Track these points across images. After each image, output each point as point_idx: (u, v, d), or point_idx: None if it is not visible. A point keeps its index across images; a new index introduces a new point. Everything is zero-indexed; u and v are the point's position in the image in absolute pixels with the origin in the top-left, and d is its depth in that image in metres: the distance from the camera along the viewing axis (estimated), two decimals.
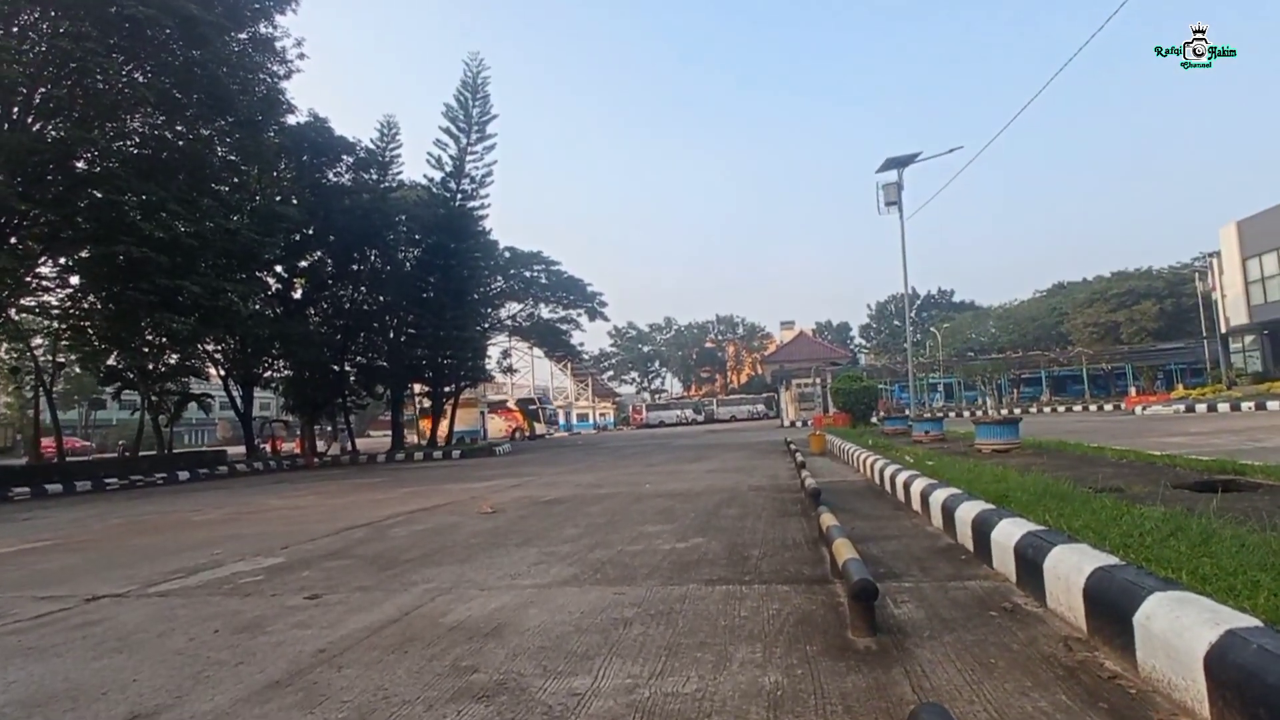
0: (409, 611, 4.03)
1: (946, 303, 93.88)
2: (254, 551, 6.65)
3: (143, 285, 18.21)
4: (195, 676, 3.16)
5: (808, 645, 3.08)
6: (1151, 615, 2.38)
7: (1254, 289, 32.64)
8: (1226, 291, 35.19)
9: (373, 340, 31.70)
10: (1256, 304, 32.58)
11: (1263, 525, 3.67)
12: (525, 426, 49.45)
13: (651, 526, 6.68)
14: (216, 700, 2.85)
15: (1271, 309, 31.71)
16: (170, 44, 19.01)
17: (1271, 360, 33.25)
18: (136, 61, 19.14)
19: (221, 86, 19.79)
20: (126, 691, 3.04)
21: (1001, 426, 10.60)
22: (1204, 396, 30.22)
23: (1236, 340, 37.30)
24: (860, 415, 24.96)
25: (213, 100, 19.94)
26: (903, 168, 21.00)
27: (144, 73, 19.34)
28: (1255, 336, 35.12)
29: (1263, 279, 32.02)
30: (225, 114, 20.80)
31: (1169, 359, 48.91)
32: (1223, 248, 35.05)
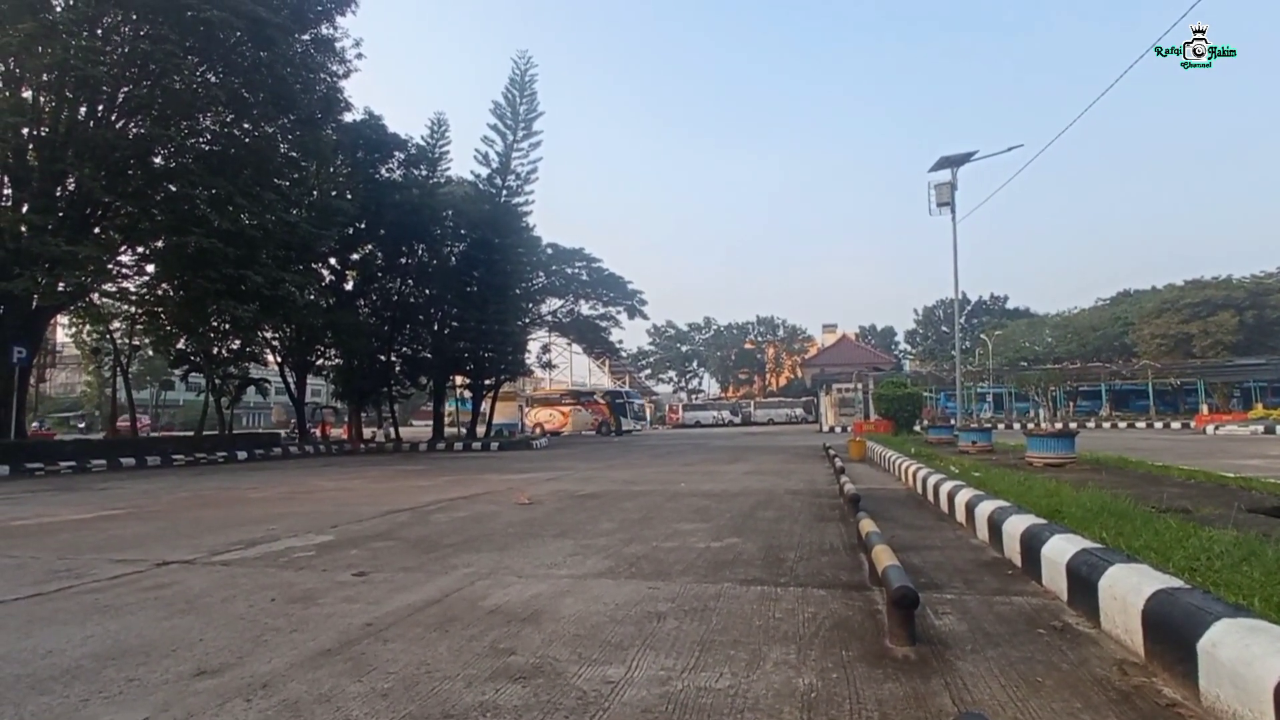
0: (450, 593, 4.22)
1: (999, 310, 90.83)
2: (306, 529, 6.99)
3: (210, 274, 19.19)
4: (255, 640, 3.40)
5: (844, 650, 3.06)
6: (1218, 642, 2.28)
7: None
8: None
9: (418, 332, 32.52)
10: None
11: None
12: (611, 421, 47.00)
13: (686, 525, 6.76)
14: (274, 663, 3.06)
15: None
16: (240, 46, 19.89)
17: None
18: (209, 63, 20.10)
19: (285, 86, 20.65)
20: (194, 650, 3.28)
21: (1056, 440, 10.34)
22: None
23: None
24: (903, 423, 24.54)
25: (277, 99, 20.82)
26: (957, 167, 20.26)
27: (215, 73, 20.31)
28: None
29: None
30: (288, 112, 21.72)
31: (1247, 376, 45.99)
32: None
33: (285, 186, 22.96)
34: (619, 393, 50.89)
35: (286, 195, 22.66)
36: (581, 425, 46.98)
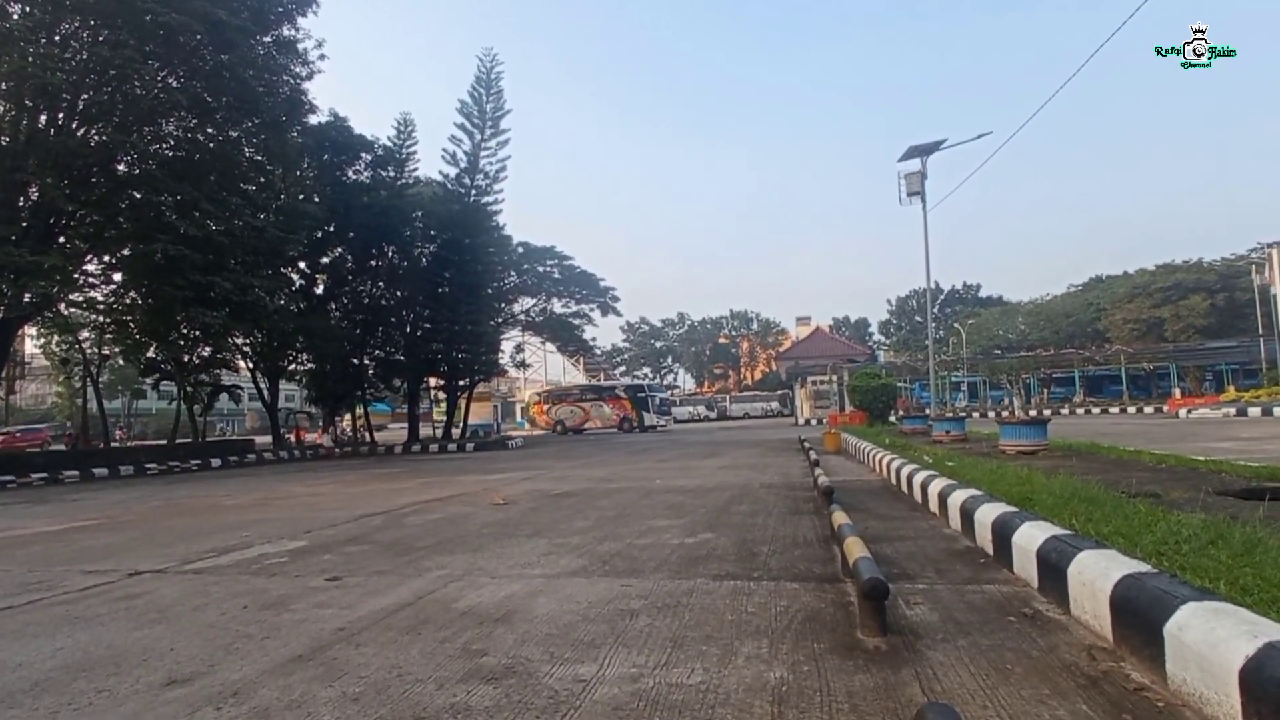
0: (423, 596, 4.23)
1: (972, 298, 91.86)
2: (279, 535, 6.96)
3: (178, 281, 18.91)
4: (226, 648, 3.40)
5: (815, 642, 3.09)
6: (1184, 626, 2.30)
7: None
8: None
9: (390, 334, 32.38)
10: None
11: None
12: (634, 416, 44.38)
13: (661, 521, 6.81)
14: (245, 670, 3.06)
15: None
16: (200, 49, 19.59)
17: None
18: (170, 67, 19.76)
19: (248, 89, 20.37)
20: (165, 659, 3.28)
21: (1028, 427, 10.34)
22: (1258, 399, 28.52)
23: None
24: (878, 414, 24.69)
25: (240, 102, 20.56)
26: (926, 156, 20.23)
27: (177, 77, 19.97)
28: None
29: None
30: (252, 115, 21.46)
31: (1219, 359, 46.00)
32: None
33: (251, 191, 22.69)
34: (640, 386, 48.76)
35: (253, 200, 22.38)
36: (603, 421, 45.03)
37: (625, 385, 49.50)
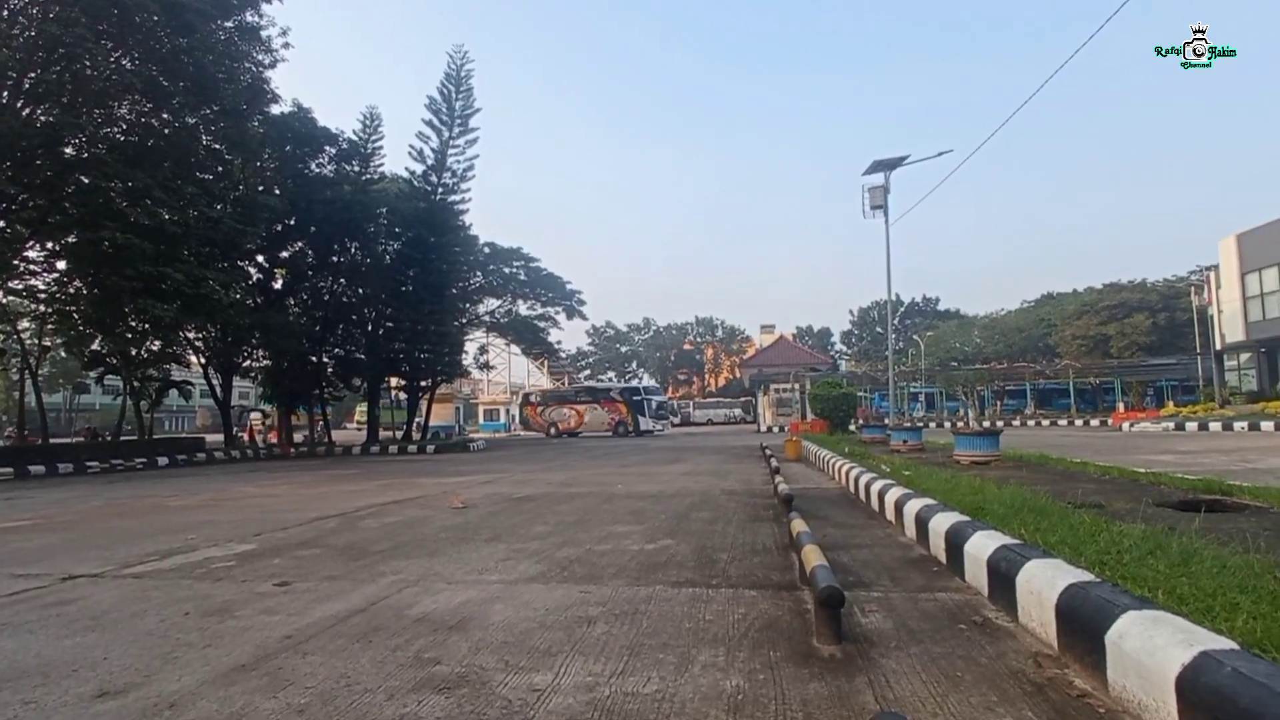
0: (375, 602, 4.12)
1: (931, 311, 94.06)
2: (227, 538, 6.72)
3: (127, 271, 18.21)
4: (164, 657, 3.25)
5: (771, 651, 3.09)
6: (1124, 634, 2.35)
7: (1252, 305, 31.49)
8: (1223, 307, 33.92)
9: (351, 332, 31.84)
10: (1254, 320, 31.47)
11: (1246, 547, 3.65)
12: (629, 420, 43.32)
13: (621, 527, 6.78)
14: (183, 680, 2.93)
15: (1269, 326, 30.66)
16: (157, 31, 18.93)
17: (1267, 379, 32.28)
18: (124, 48, 19.05)
19: (207, 75, 19.78)
20: (97, 669, 3.12)
21: (981, 438, 10.61)
22: (1195, 415, 29.68)
23: (1232, 358, 36.21)
24: (838, 422, 25.12)
25: (198, 88, 19.91)
26: (890, 171, 20.63)
27: (131, 60, 19.25)
28: (1251, 354, 34.03)
29: (1261, 295, 30.87)
30: (211, 102, 20.78)
31: (1160, 375, 47.88)
32: (1221, 261, 33.85)
33: (208, 180, 21.97)
34: (636, 389, 46.81)
35: (209, 189, 21.67)
36: (597, 424, 43.90)
37: (621, 388, 48.01)
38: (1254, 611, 2.52)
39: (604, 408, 44.10)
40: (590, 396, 46.01)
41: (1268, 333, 31.08)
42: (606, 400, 44.94)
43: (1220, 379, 36.58)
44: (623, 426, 42.91)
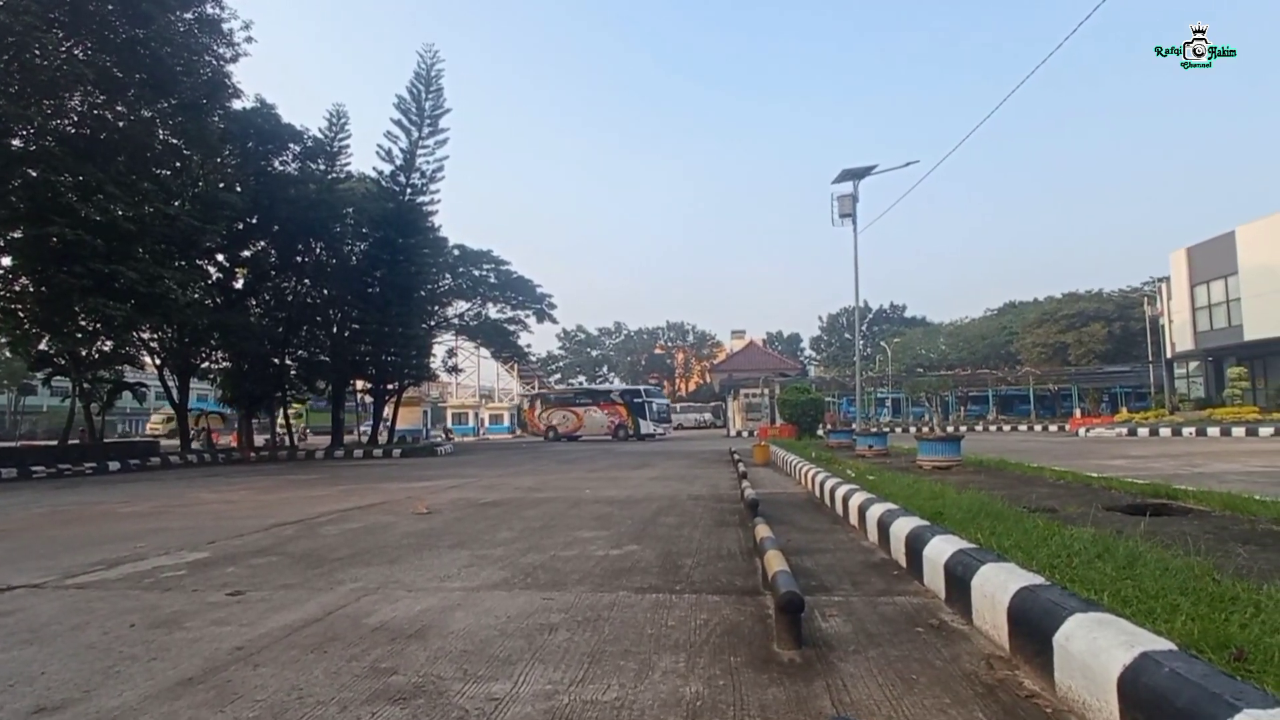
0: (332, 611, 4.02)
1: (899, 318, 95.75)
2: (179, 546, 6.50)
3: (77, 269, 17.55)
4: (106, 671, 3.12)
5: (732, 656, 3.10)
6: (1071, 636, 2.42)
7: (1200, 315, 32.84)
8: (1174, 317, 35.24)
9: (315, 334, 31.12)
10: (1202, 330, 32.79)
11: (1188, 550, 3.78)
12: (629, 423, 42.11)
13: (587, 532, 6.74)
14: (125, 696, 2.82)
15: (1216, 336, 31.96)
16: (112, 20, 18.33)
17: (1214, 387, 33.54)
18: (77, 38, 18.40)
19: (164, 67, 19.18)
20: (34, 684, 2.99)
21: (943, 443, 10.76)
22: (1147, 420, 30.80)
23: (1181, 366, 37.61)
24: (806, 427, 25.34)
25: (155, 81, 19.31)
26: (858, 180, 20.93)
27: (84, 50, 18.60)
28: (1199, 363, 35.50)
29: (1209, 306, 32.23)
30: (168, 96, 20.15)
31: (1115, 382, 49.31)
32: (1172, 273, 35.14)
33: (165, 176, 21.31)
34: (637, 391, 45.18)
35: (166, 186, 21.02)
36: (596, 428, 42.63)
37: (621, 390, 46.60)
38: (1192, 613, 2.61)
39: (604, 410, 43.05)
40: (590, 399, 44.71)
41: (1215, 342, 32.44)
42: (606, 402, 43.76)
43: (1171, 386, 38.00)
44: (623, 430, 41.87)
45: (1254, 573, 3.33)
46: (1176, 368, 38.19)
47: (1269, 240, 28.99)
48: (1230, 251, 30.73)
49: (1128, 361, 50.69)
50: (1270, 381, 30.38)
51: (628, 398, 43.54)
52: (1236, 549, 4.04)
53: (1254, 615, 2.58)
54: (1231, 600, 2.77)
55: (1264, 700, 1.73)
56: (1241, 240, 30.29)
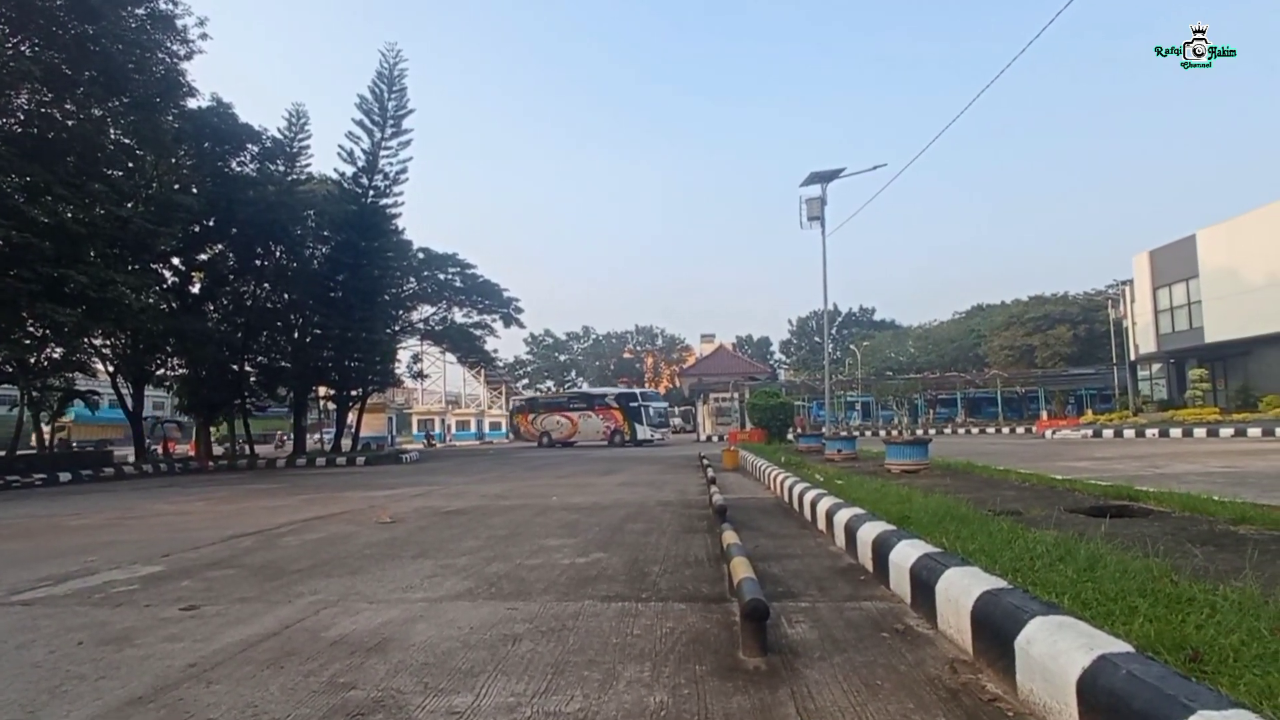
0: (290, 625, 3.93)
1: (868, 321, 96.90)
2: (131, 559, 6.30)
3: (24, 273, 16.86)
4: (51, 691, 3.01)
5: (697, 665, 3.09)
6: (1032, 639, 2.44)
7: (1163, 318, 33.62)
8: (1137, 320, 36.03)
9: (275, 340, 30.40)
10: (1165, 333, 33.62)
11: (1147, 551, 3.84)
12: (625, 428, 40.50)
13: (553, 540, 6.69)
14: (71, 717, 2.72)
15: (1178, 338, 32.79)
16: (59, 15, 17.72)
17: (1176, 388, 34.44)
18: (23, 34, 17.74)
19: (116, 65, 18.59)
20: None
21: (911, 447, 10.80)
22: (1111, 422, 31.44)
23: (1144, 368, 38.47)
24: (776, 432, 25.42)
25: (106, 79, 18.71)
26: (826, 183, 21.04)
27: (31, 46, 17.94)
28: (1162, 365, 36.43)
29: (1171, 309, 33.03)
30: (119, 94, 19.53)
31: (1080, 384, 49.90)
32: (1135, 276, 35.98)
33: (117, 177, 20.58)
34: (633, 394, 43.27)
35: (118, 187, 20.29)
36: (591, 433, 41.05)
37: (617, 393, 44.49)
38: (1150, 614, 2.65)
39: (598, 415, 41.52)
40: (584, 403, 42.99)
41: (1176, 344, 33.13)
42: (601, 407, 41.99)
43: (1134, 388, 38.65)
44: (618, 435, 40.21)
45: (1211, 574, 3.41)
46: (1140, 370, 38.92)
47: (1228, 244, 29.65)
48: (1191, 255, 31.32)
49: (1093, 364, 51.12)
50: (1230, 383, 30.96)
51: (623, 402, 41.89)
52: (1194, 550, 4.12)
53: (1209, 616, 2.62)
54: (1188, 601, 2.81)
55: (1218, 701, 1.77)
56: (1202, 244, 30.91)
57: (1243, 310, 28.48)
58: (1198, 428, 25.82)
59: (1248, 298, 28.31)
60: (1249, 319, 28.27)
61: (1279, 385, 27.17)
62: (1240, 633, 2.40)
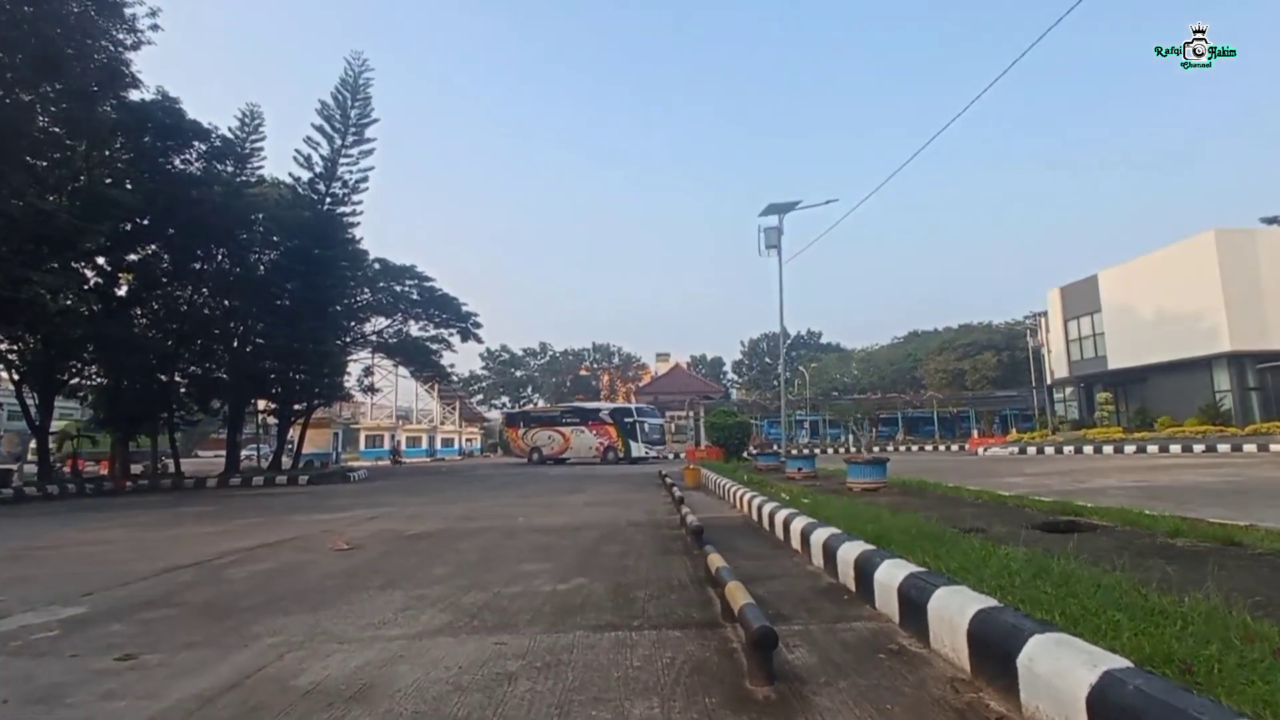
0: (250, 674, 3.45)
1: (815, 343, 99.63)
2: (47, 599, 5.54)
3: None
4: None
5: (707, 697, 2.95)
6: (1034, 657, 2.49)
7: (1073, 347, 37.24)
8: (1051, 347, 39.66)
9: (211, 348, 28.51)
10: (1075, 360, 37.15)
11: (1111, 565, 4.06)
12: (619, 445, 38.97)
13: (530, 565, 6.34)
14: None
15: (1086, 365, 36.27)
16: None
17: (1086, 409, 37.92)
18: None
19: (53, 48, 17.29)
20: None
21: (871, 466, 11.18)
22: (1034, 440, 34.56)
23: (1060, 391, 42.00)
24: (733, 450, 25.73)
25: (39, 62, 17.37)
26: (784, 214, 21.82)
27: None
28: (1074, 388, 39.87)
29: (1080, 339, 36.64)
30: (53, 79, 18.22)
31: (1005, 405, 54.53)
32: (1049, 309, 39.64)
33: (41, 167, 19.10)
34: (628, 410, 41.56)
35: (42, 178, 18.85)
36: (584, 449, 39.67)
37: (611, 408, 42.92)
38: (1133, 628, 2.75)
39: (592, 430, 40.04)
40: (577, 417, 41.39)
41: (1085, 370, 37.24)
42: (595, 422, 40.49)
43: (1051, 409, 42.62)
44: (612, 452, 38.79)
45: (1170, 584, 3.58)
46: (1055, 392, 42.58)
47: (1124, 284, 33.42)
48: (1095, 292, 35.09)
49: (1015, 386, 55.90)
50: (1130, 405, 34.29)
51: (618, 417, 40.27)
52: (1147, 562, 4.45)
53: (1184, 628, 2.75)
54: (1161, 614, 2.94)
55: (1224, 714, 1.86)
56: (1103, 283, 34.67)
57: (1138, 341, 31.99)
58: (1105, 444, 29.08)
59: (1141, 330, 31.78)
60: (1143, 349, 31.73)
61: (1170, 407, 30.23)
62: (1216, 642, 2.53)
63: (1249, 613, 2.90)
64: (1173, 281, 30.08)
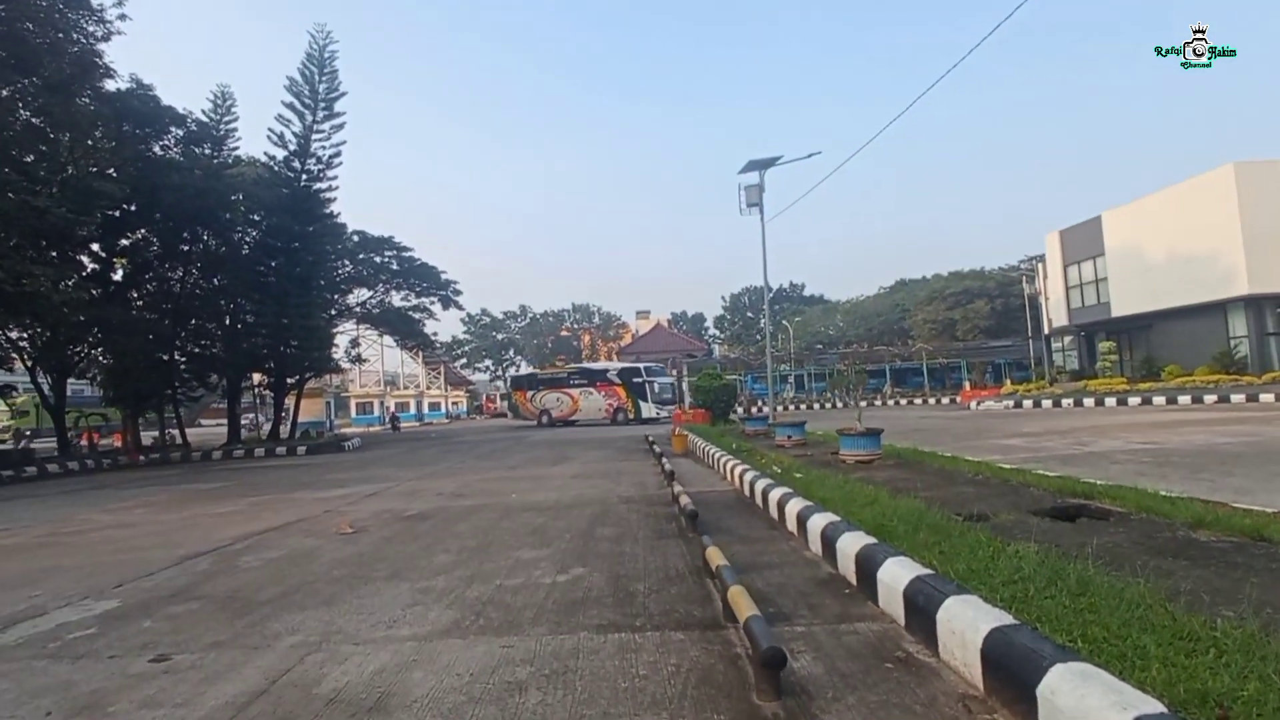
0: (276, 678, 3.73)
1: (798, 296, 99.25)
2: (82, 592, 5.86)
3: None
4: None
5: (714, 713, 3.04)
6: (1056, 690, 2.41)
7: (1073, 293, 36.06)
8: (1049, 294, 38.49)
9: (205, 327, 29.44)
10: (1075, 307, 36.04)
11: (1130, 569, 3.94)
12: (629, 406, 38.93)
13: (527, 552, 6.59)
14: None
15: (1087, 312, 35.17)
16: None
17: (1087, 359, 36.83)
18: None
19: (26, 44, 17.34)
20: None
21: (864, 438, 11.02)
22: (1030, 393, 33.35)
23: (1057, 340, 40.91)
24: (719, 413, 25.84)
25: (15, 59, 17.43)
26: (764, 170, 21.55)
27: None
28: (1073, 337, 38.83)
29: (1080, 285, 35.45)
30: (30, 74, 18.24)
31: (998, 355, 53.05)
32: (1047, 253, 38.30)
33: (28, 163, 19.24)
34: (636, 370, 41.00)
35: (31, 173, 19.00)
36: (593, 411, 39.59)
37: (620, 368, 42.63)
38: (1161, 657, 2.65)
39: (600, 391, 39.97)
40: (585, 379, 41.47)
41: (1086, 318, 35.57)
42: (603, 383, 40.47)
43: (1049, 359, 41.26)
44: (622, 413, 38.88)
45: (1196, 597, 3.49)
46: (1053, 342, 41.32)
47: (1131, 225, 31.69)
48: (1098, 234, 33.46)
49: (1009, 336, 54.28)
50: (1135, 354, 33.17)
51: (626, 377, 40.08)
52: (1168, 564, 4.24)
53: (1218, 658, 2.61)
54: (1192, 639, 2.82)
55: None
56: (1107, 225, 33.01)
57: (1145, 286, 30.51)
58: (1108, 397, 27.53)
59: (1149, 274, 30.29)
60: (1150, 294, 30.29)
61: (1179, 356, 29.07)
62: (1254, 679, 2.40)
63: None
64: (1186, 221, 28.15)
